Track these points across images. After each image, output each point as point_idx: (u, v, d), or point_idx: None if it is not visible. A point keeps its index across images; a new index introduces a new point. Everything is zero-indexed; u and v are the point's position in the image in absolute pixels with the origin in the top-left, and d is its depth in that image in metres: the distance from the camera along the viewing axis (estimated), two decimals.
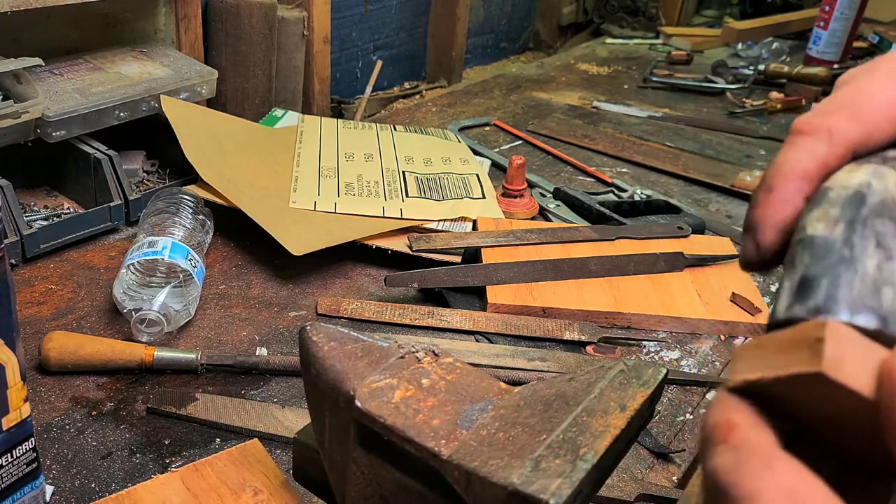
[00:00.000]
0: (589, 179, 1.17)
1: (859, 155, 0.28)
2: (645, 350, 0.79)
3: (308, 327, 0.47)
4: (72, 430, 0.64)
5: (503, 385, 0.44)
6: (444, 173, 1.05)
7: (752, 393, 0.24)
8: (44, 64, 0.88)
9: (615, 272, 0.86)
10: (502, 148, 1.26)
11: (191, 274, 0.76)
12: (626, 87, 1.60)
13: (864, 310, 0.22)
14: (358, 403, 0.41)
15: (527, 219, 1.00)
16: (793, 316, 0.23)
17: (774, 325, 0.24)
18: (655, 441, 0.67)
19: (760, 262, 0.27)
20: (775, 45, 1.81)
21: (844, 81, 0.29)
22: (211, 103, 1.14)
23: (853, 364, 0.21)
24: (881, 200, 0.25)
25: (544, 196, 1.07)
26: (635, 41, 1.92)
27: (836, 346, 0.21)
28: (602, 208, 1.00)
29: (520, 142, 1.29)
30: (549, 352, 0.76)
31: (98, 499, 0.56)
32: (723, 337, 0.82)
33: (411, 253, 0.87)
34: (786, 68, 1.59)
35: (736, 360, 0.23)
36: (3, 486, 0.50)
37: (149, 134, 1.03)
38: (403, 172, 1.04)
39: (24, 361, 0.48)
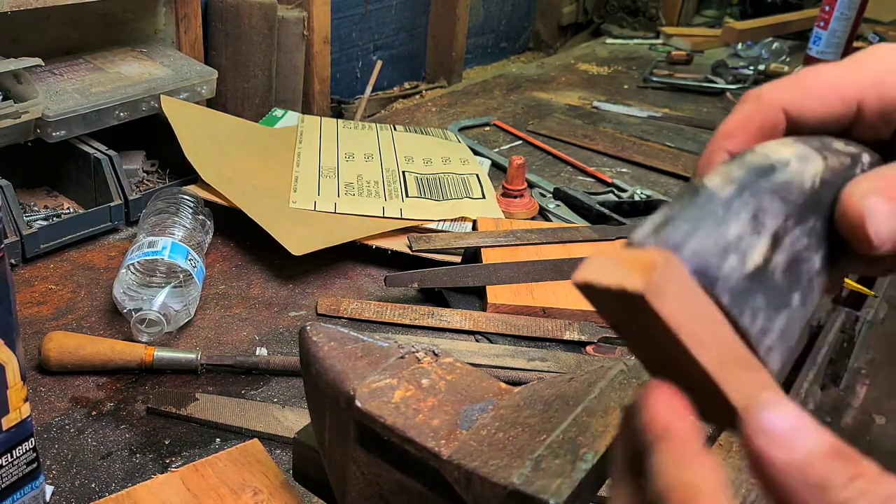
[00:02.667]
0: (589, 179, 1.17)
1: (799, 125, 0.29)
2: None
3: (308, 327, 0.47)
4: (72, 430, 0.64)
5: (503, 385, 0.44)
6: (444, 173, 1.05)
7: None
8: (44, 64, 0.88)
9: None
10: (502, 148, 1.26)
11: (191, 274, 0.76)
12: (626, 87, 1.60)
13: (702, 263, 0.24)
14: (358, 403, 0.41)
15: (527, 219, 1.00)
16: (644, 243, 0.25)
17: (628, 244, 0.25)
18: None
19: None
20: (775, 45, 1.81)
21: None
22: (211, 103, 1.14)
23: (673, 299, 0.23)
24: (787, 181, 0.26)
25: (544, 196, 1.07)
26: (635, 41, 1.92)
27: (663, 277, 0.23)
28: (602, 208, 1.00)
29: (520, 142, 1.29)
30: (549, 352, 0.76)
31: (98, 499, 0.56)
32: None
33: (411, 253, 0.87)
34: (786, 68, 1.59)
35: (586, 262, 0.25)
36: (3, 486, 0.50)
37: (149, 134, 1.03)
38: (403, 172, 1.04)
39: (24, 361, 0.48)
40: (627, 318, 0.25)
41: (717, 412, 0.24)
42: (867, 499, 0.21)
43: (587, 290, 0.25)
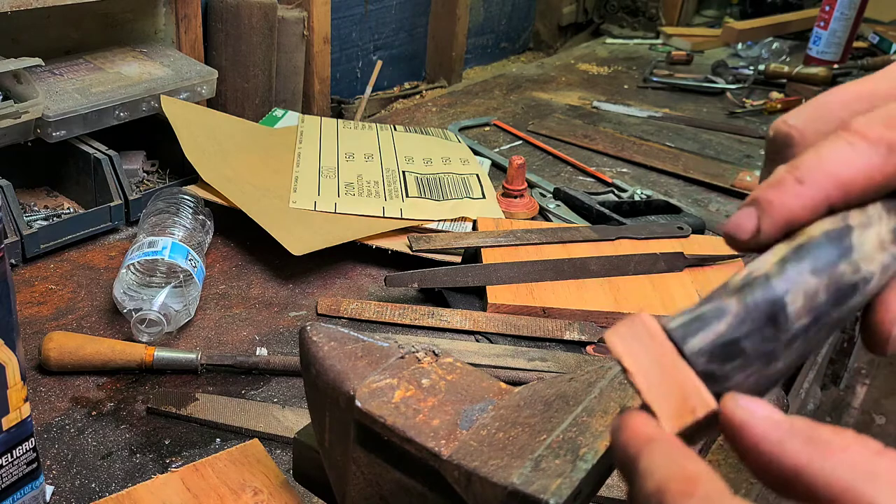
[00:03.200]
0: (589, 179, 1.17)
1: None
2: None
3: (308, 327, 0.47)
4: (72, 430, 0.64)
5: (503, 385, 0.44)
6: (444, 173, 1.05)
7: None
8: (44, 64, 0.88)
9: (615, 272, 0.86)
10: (502, 148, 1.26)
11: (191, 274, 0.76)
12: (626, 87, 1.60)
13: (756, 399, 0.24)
14: (358, 403, 0.41)
15: (527, 219, 1.00)
16: (694, 364, 0.24)
17: (675, 341, 0.25)
18: None
19: (750, 245, 0.26)
20: (775, 45, 1.81)
21: None
22: (211, 103, 1.14)
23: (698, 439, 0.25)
24: (858, 305, 0.24)
25: (544, 196, 1.07)
26: (635, 41, 1.92)
27: (699, 424, 0.24)
28: (602, 208, 1.00)
29: (520, 142, 1.29)
30: (549, 352, 0.76)
31: (98, 499, 0.56)
32: None
33: (411, 253, 0.87)
34: (786, 68, 1.59)
35: (627, 323, 0.25)
36: (3, 486, 0.50)
37: (149, 134, 1.03)
38: (403, 172, 1.04)
39: (24, 361, 0.48)
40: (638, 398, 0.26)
41: None
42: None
43: (616, 357, 0.27)
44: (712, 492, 0.22)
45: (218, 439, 0.64)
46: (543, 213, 1.04)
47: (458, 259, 0.89)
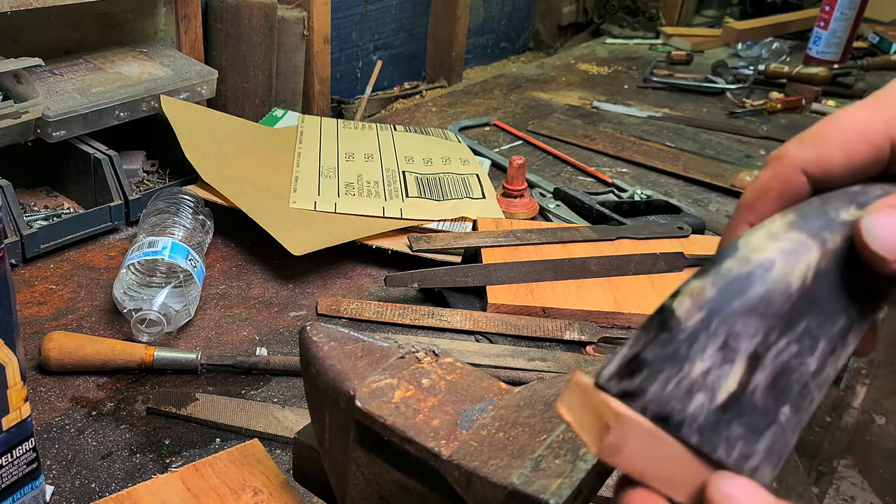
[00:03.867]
0: (589, 179, 1.17)
1: (824, 182, 0.27)
2: None
3: (308, 327, 0.47)
4: (72, 430, 0.64)
5: (503, 385, 0.44)
6: (444, 173, 1.05)
7: None
8: (44, 64, 0.88)
9: (615, 272, 0.86)
10: (502, 148, 1.26)
11: (191, 274, 0.76)
12: (626, 87, 1.60)
13: (664, 410, 0.24)
14: (358, 403, 0.41)
15: (527, 219, 1.00)
16: (608, 388, 0.25)
17: (596, 382, 0.26)
18: None
19: None
20: (775, 45, 1.81)
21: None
22: (211, 103, 1.14)
23: (631, 451, 0.24)
24: (766, 292, 0.25)
25: (544, 196, 1.07)
26: (635, 41, 1.92)
27: (617, 436, 0.24)
28: (602, 208, 1.00)
29: (520, 142, 1.29)
30: (549, 352, 0.76)
31: (98, 499, 0.56)
32: None
33: (411, 253, 0.87)
34: (786, 68, 1.59)
35: (566, 387, 0.26)
36: (3, 486, 0.50)
37: (149, 134, 1.03)
38: (403, 172, 1.04)
39: (24, 361, 0.48)
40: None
41: None
42: None
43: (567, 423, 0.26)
44: None
45: (218, 439, 0.64)
46: (543, 213, 1.04)
47: (458, 259, 0.89)
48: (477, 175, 1.05)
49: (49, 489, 0.57)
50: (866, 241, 0.25)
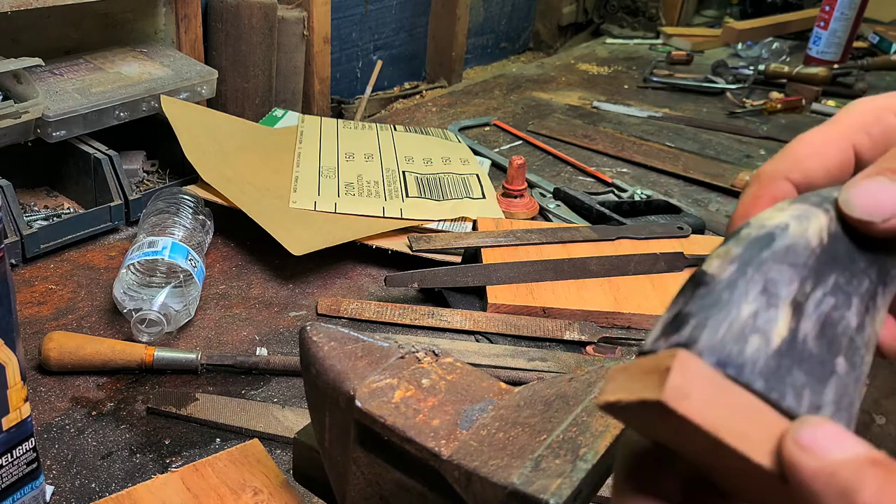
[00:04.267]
0: (589, 179, 1.17)
1: (805, 185, 0.29)
2: None
3: (308, 327, 0.47)
4: (72, 430, 0.64)
5: (503, 385, 0.44)
6: (444, 173, 1.05)
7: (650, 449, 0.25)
8: (44, 64, 0.88)
9: (615, 272, 0.86)
10: (502, 148, 1.26)
11: (191, 274, 0.76)
12: (626, 87, 1.60)
13: (722, 354, 0.23)
14: (358, 403, 0.41)
15: (527, 219, 1.00)
16: (655, 349, 0.24)
17: (641, 353, 0.24)
18: None
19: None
20: (775, 45, 1.81)
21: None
22: (211, 103, 1.14)
23: (699, 398, 0.22)
24: (790, 244, 0.25)
25: (544, 196, 1.07)
26: (635, 41, 1.92)
27: (682, 378, 0.22)
28: (602, 208, 1.00)
29: (520, 142, 1.29)
30: (549, 352, 0.76)
31: (98, 499, 0.56)
32: None
33: (411, 253, 0.87)
34: (786, 68, 1.59)
35: (606, 381, 0.24)
36: (3, 486, 0.50)
37: (149, 134, 1.03)
38: (403, 172, 1.04)
39: (24, 361, 0.48)
40: (662, 428, 0.24)
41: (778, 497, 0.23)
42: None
43: (613, 410, 0.24)
44: None
45: (218, 439, 0.64)
46: (543, 213, 1.04)
47: (458, 259, 0.89)
48: (477, 175, 1.05)
49: (49, 489, 0.57)
50: (846, 212, 0.25)
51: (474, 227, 0.94)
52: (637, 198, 1.08)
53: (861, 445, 0.21)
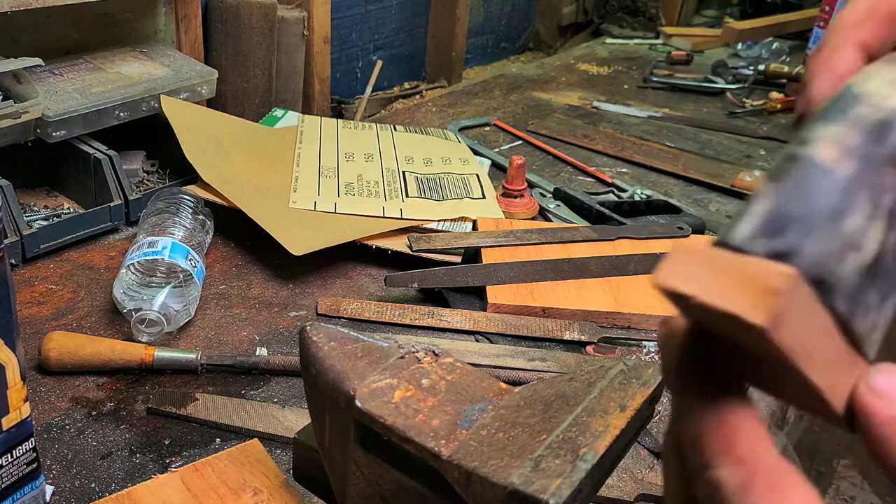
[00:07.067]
0: (589, 179, 1.17)
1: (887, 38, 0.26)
2: (645, 350, 0.79)
3: (308, 327, 0.47)
4: (72, 430, 0.64)
5: (503, 385, 0.44)
6: (444, 173, 1.05)
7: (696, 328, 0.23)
8: (44, 64, 0.88)
9: (615, 272, 0.86)
10: (502, 148, 1.26)
11: (191, 274, 0.76)
12: (626, 87, 1.60)
13: (822, 271, 0.21)
14: (358, 403, 0.41)
15: (527, 219, 1.00)
16: (751, 249, 0.21)
17: (725, 244, 0.22)
18: (655, 441, 0.67)
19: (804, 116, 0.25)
20: (775, 45, 1.81)
21: None
22: (211, 103, 1.14)
23: (797, 328, 0.20)
24: None
25: (544, 196, 1.07)
26: (635, 41, 1.92)
27: (788, 305, 0.20)
28: (602, 208, 1.00)
29: (520, 142, 1.29)
30: (549, 352, 0.76)
31: (98, 499, 0.56)
32: None
33: (411, 253, 0.87)
34: (786, 68, 1.59)
35: (670, 259, 0.21)
36: (3, 486, 0.50)
37: (149, 134, 1.03)
38: (403, 172, 1.04)
39: (24, 361, 0.48)
40: (738, 334, 0.21)
41: (824, 411, 0.22)
42: None
43: (676, 299, 0.21)
44: None
45: (218, 439, 0.64)
46: (543, 213, 1.04)
47: (458, 259, 0.89)
48: (477, 175, 1.05)
49: (49, 489, 0.57)
50: None
51: (474, 227, 0.94)
52: (637, 198, 1.08)
53: None
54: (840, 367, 0.21)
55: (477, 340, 0.78)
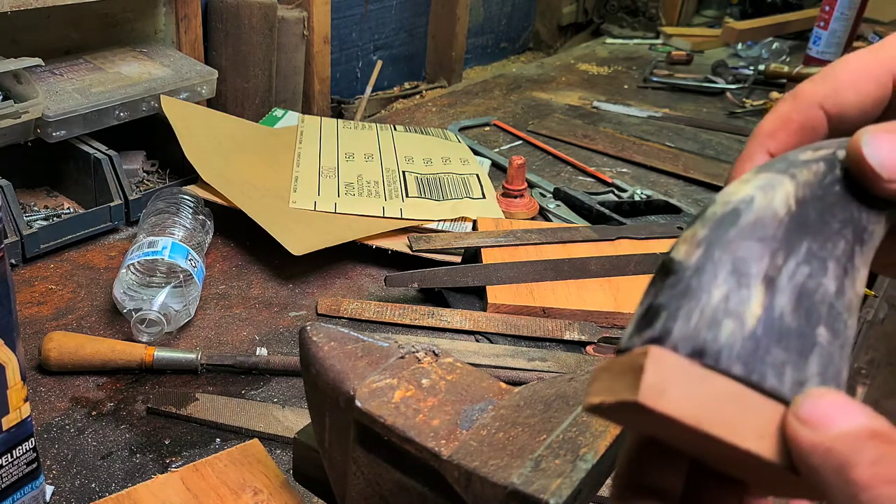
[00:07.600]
0: (589, 179, 1.17)
1: (839, 118, 0.28)
2: None
3: (308, 327, 0.47)
4: (72, 430, 0.64)
5: (503, 385, 0.44)
6: (444, 173, 1.05)
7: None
8: (44, 64, 0.88)
9: (615, 272, 0.86)
10: (502, 148, 1.26)
11: (191, 274, 0.76)
12: (626, 87, 1.60)
13: (695, 343, 0.22)
14: (358, 403, 0.41)
15: (527, 219, 1.00)
16: (630, 346, 0.23)
17: (618, 351, 0.24)
18: None
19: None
20: (775, 45, 1.81)
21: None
22: (211, 103, 1.14)
23: (676, 393, 0.21)
24: (756, 218, 0.24)
25: (544, 196, 1.07)
26: (635, 41, 1.92)
27: (656, 375, 0.21)
28: (602, 208, 1.00)
29: (520, 142, 1.29)
30: (549, 352, 0.76)
31: (98, 499, 0.56)
32: None
33: (411, 253, 0.87)
34: (786, 68, 1.59)
35: (591, 382, 0.24)
36: (3, 487, 0.50)
37: (149, 134, 1.03)
38: (403, 172, 1.04)
39: (24, 361, 0.48)
40: (650, 426, 0.23)
41: (783, 482, 0.23)
42: (889, 479, 0.19)
43: (600, 411, 0.23)
44: None
45: (218, 439, 0.64)
46: (543, 213, 1.04)
47: (458, 259, 0.89)
48: (477, 175, 1.05)
49: (49, 489, 0.57)
50: (864, 151, 0.24)
51: (474, 227, 0.94)
52: (637, 198, 1.08)
53: (864, 415, 0.21)
54: (766, 425, 0.22)
55: (477, 340, 0.78)
